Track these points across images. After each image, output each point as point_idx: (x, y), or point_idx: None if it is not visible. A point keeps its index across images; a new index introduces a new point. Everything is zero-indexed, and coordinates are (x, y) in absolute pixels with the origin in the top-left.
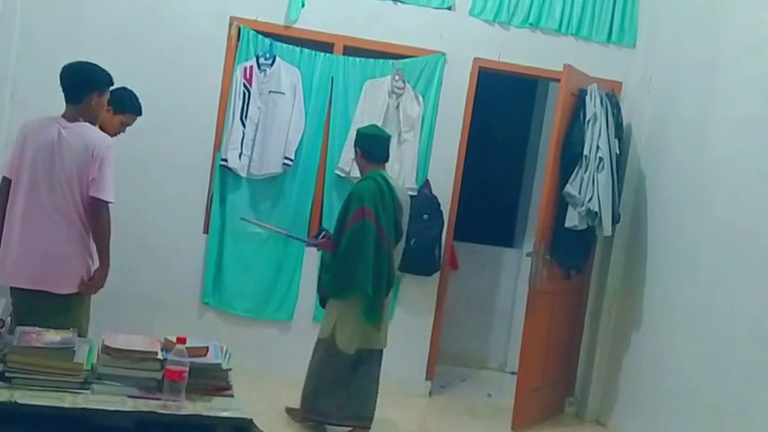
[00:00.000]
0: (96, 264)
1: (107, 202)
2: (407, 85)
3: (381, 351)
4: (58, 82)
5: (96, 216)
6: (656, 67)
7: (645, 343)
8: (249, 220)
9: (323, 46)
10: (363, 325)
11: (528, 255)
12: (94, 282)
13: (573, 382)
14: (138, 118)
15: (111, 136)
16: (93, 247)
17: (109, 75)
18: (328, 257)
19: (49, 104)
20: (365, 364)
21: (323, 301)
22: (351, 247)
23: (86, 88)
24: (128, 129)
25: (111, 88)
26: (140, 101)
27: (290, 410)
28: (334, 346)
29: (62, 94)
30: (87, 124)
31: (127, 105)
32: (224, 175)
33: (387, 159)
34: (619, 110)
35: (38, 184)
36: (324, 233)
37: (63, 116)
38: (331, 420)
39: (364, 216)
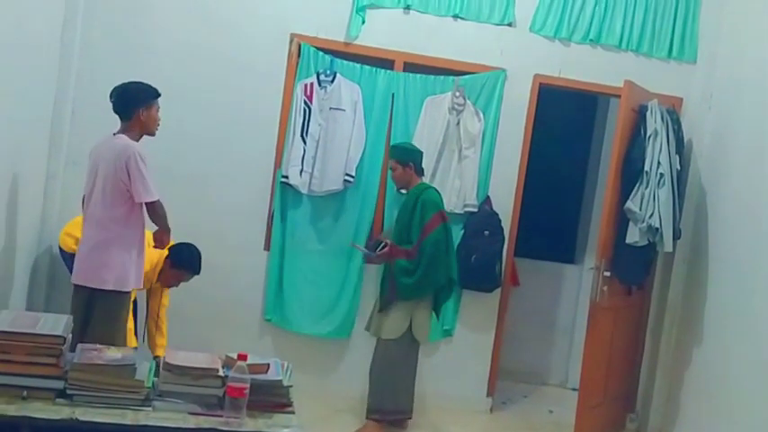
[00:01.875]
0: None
1: (152, 202)
2: (468, 101)
3: None
4: None
5: (152, 215)
6: (717, 82)
7: (706, 358)
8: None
9: (383, 62)
10: (431, 316)
11: (589, 270)
12: (156, 240)
13: (634, 398)
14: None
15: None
16: (135, 248)
17: (153, 88)
18: (405, 263)
19: (109, 122)
20: (416, 354)
21: (387, 304)
22: (438, 247)
23: (132, 104)
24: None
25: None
26: (201, 260)
27: None
28: (411, 341)
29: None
30: (122, 136)
31: (185, 264)
32: (285, 191)
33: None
34: (679, 125)
35: (90, 196)
36: (382, 243)
37: (115, 132)
38: (408, 414)
39: (443, 219)
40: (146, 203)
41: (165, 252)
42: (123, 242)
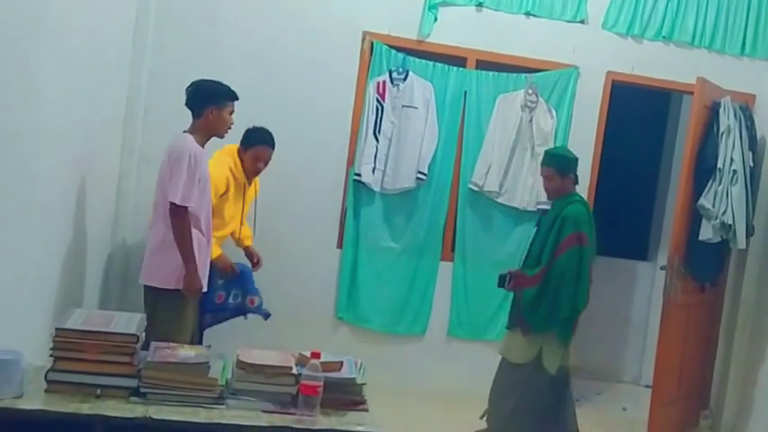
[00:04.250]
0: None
1: (176, 205)
2: (540, 98)
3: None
4: None
5: (171, 219)
6: None
7: None
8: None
9: (455, 60)
10: (565, 345)
11: (662, 268)
12: (183, 285)
13: (708, 396)
14: (274, 138)
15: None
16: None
17: (229, 90)
18: (531, 293)
19: (181, 120)
20: (563, 383)
21: (514, 324)
22: (566, 272)
23: (203, 102)
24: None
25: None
26: (270, 132)
27: None
28: (540, 368)
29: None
30: (186, 135)
31: (252, 140)
32: (357, 189)
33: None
34: (752, 122)
35: (155, 195)
36: (508, 276)
37: (185, 130)
38: None
39: (580, 242)
40: (169, 203)
41: (235, 147)
42: (168, 243)
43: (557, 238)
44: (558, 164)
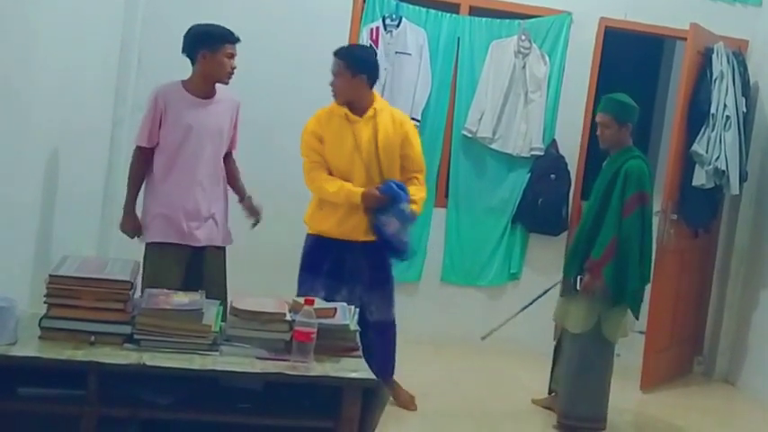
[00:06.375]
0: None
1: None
2: (534, 45)
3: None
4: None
5: None
6: None
7: None
8: (489, 334)
9: (449, 6)
10: (628, 313)
11: (655, 214)
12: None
13: (701, 342)
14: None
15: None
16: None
17: (223, 32)
18: (612, 271)
19: (175, 69)
20: (611, 355)
21: (569, 289)
22: (633, 239)
23: (195, 47)
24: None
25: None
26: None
27: (537, 402)
28: (600, 338)
29: (186, 65)
30: (174, 81)
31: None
32: None
33: None
34: (745, 68)
35: None
36: (578, 278)
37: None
38: (601, 424)
39: (643, 202)
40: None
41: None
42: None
43: (621, 196)
44: (617, 110)
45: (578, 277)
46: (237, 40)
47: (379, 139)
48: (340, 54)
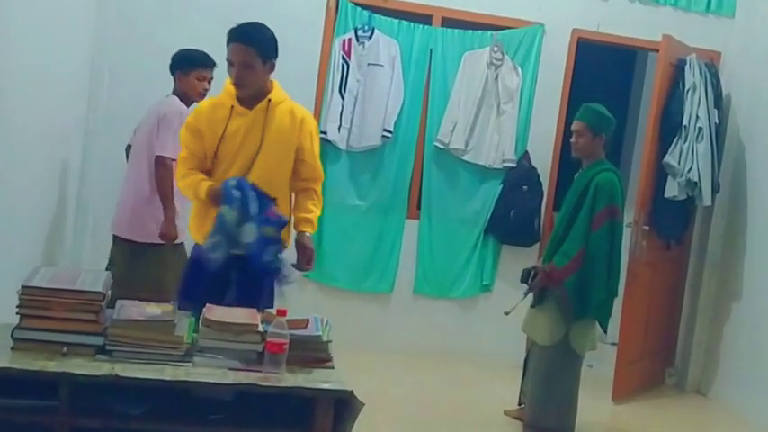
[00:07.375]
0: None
1: (162, 157)
2: (506, 56)
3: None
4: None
5: (156, 171)
6: (755, 36)
7: (745, 313)
8: (513, 309)
9: (421, 18)
10: (596, 325)
11: (628, 226)
12: (161, 234)
13: (673, 353)
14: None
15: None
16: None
17: (197, 56)
18: (574, 281)
19: (145, 84)
20: (579, 367)
21: (540, 299)
22: (601, 253)
23: (172, 68)
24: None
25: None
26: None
27: (508, 413)
28: (568, 350)
29: (157, 75)
30: (165, 99)
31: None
32: (323, 148)
33: None
34: (718, 80)
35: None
36: (532, 271)
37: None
38: None
39: (613, 216)
40: (157, 156)
41: None
42: (148, 198)
43: (591, 209)
44: (593, 120)
45: (531, 272)
46: (212, 64)
47: (266, 136)
48: (247, 39)
